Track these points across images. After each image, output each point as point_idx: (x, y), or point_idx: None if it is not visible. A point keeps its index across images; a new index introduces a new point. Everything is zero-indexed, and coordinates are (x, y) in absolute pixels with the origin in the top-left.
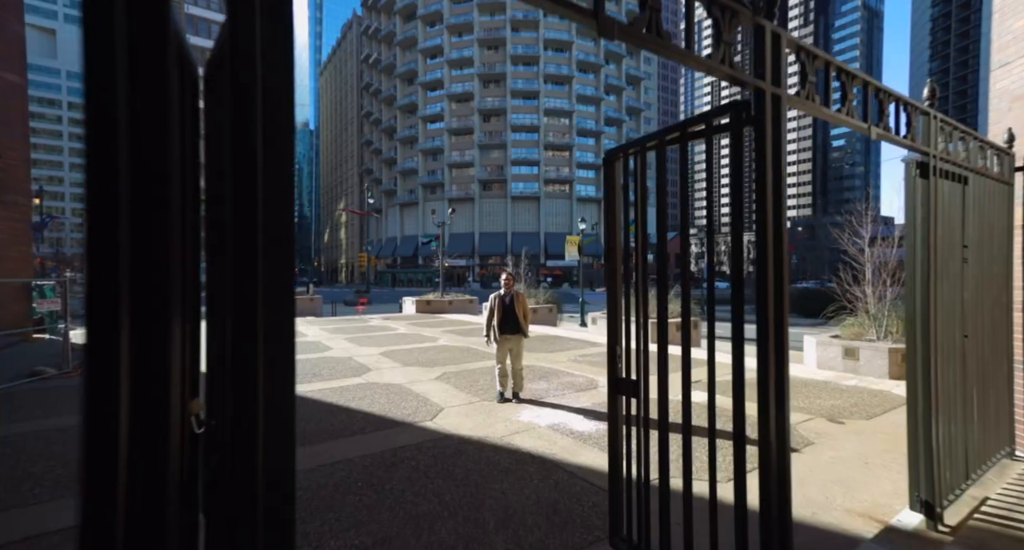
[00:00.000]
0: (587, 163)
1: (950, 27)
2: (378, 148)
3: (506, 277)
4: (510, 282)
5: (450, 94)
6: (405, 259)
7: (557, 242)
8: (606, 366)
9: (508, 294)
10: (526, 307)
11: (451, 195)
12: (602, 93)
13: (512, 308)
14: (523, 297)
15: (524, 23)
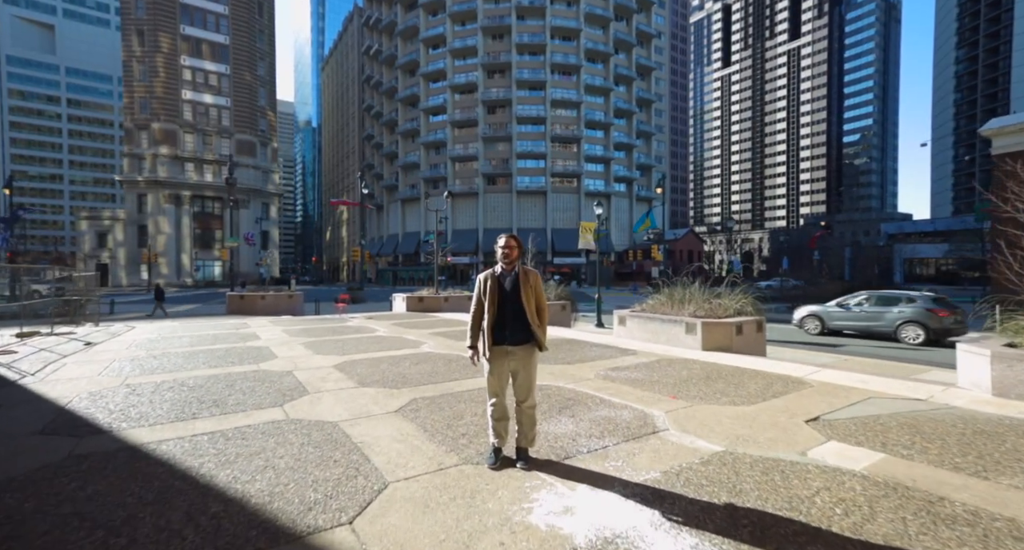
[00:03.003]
0: (595, 156)
1: (979, 12)
2: (379, 142)
3: (507, 242)
4: (513, 251)
5: (453, 85)
6: (407, 256)
7: (564, 238)
8: (654, 386)
9: (510, 272)
10: (541, 296)
11: (454, 190)
12: (611, 83)
13: (516, 296)
14: (536, 278)
15: (530, 10)
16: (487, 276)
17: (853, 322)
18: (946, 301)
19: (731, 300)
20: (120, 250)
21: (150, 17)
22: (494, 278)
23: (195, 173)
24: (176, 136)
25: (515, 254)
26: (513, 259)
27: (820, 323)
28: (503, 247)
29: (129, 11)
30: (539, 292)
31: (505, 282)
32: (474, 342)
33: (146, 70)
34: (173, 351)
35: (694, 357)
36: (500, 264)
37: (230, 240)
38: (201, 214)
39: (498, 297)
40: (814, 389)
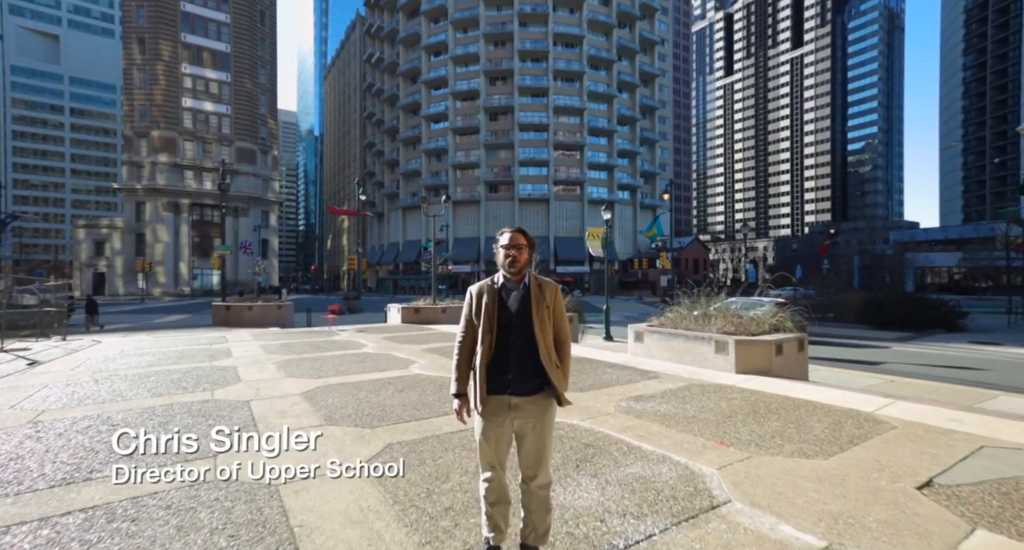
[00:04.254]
0: (599, 163)
1: (986, 19)
2: (380, 150)
3: (512, 239)
4: (521, 253)
5: (454, 92)
6: (407, 265)
7: (568, 247)
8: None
9: (517, 284)
10: (562, 320)
11: (456, 197)
12: (615, 90)
13: (525, 320)
14: (555, 294)
15: (532, 17)
16: (483, 289)
17: None
18: (782, 304)
19: (765, 313)
20: (118, 259)
21: (151, 25)
22: (493, 292)
23: (194, 181)
24: (176, 144)
25: (524, 257)
26: (521, 264)
27: None
28: (507, 246)
29: (131, 19)
30: (559, 315)
31: (509, 298)
32: (461, 387)
33: (146, 78)
34: (124, 373)
35: (729, 382)
36: (502, 272)
37: (221, 248)
38: (200, 222)
39: (498, 321)
40: (899, 431)
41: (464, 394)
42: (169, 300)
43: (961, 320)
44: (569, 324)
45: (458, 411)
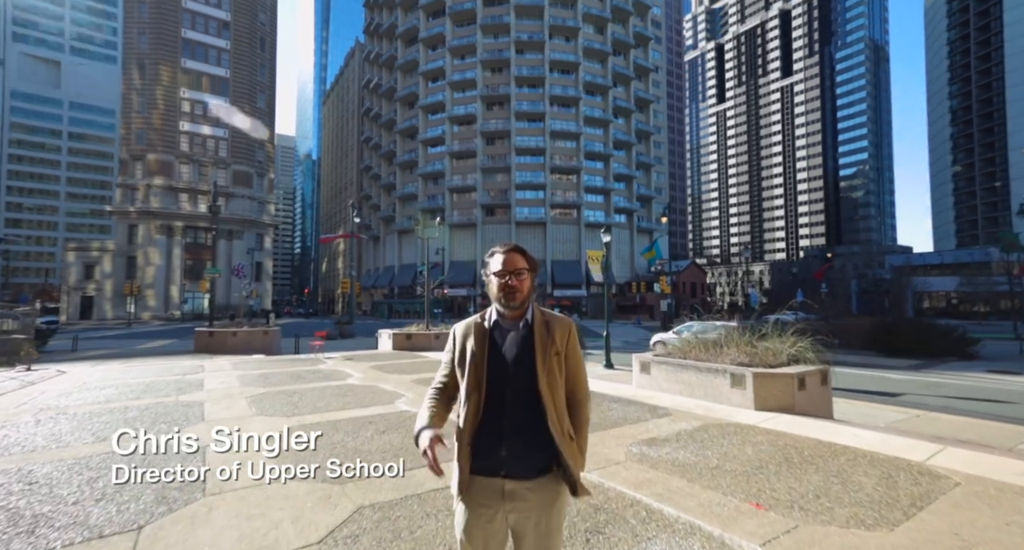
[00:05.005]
0: (595, 187)
1: (969, 50)
2: (377, 173)
3: (508, 261)
4: (523, 281)
5: (452, 117)
6: (403, 289)
7: (565, 270)
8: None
9: (516, 321)
10: (578, 369)
11: (452, 221)
12: (610, 115)
13: (527, 371)
14: (567, 332)
15: (528, 45)
16: (469, 329)
17: None
18: (732, 328)
19: (782, 343)
20: (107, 282)
21: (152, 50)
22: (482, 332)
23: (189, 204)
24: (172, 167)
25: (525, 285)
26: (522, 296)
27: (665, 348)
28: (501, 272)
29: (132, 44)
30: (575, 364)
31: (505, 342)
32: (433, 421)
33: (145, 102)
34: (75, 410)
35: (749, 421)
36: (496, 306)
37: (210, 271)
38: (193, 245)
39: (490, 373)
40: (965, 490)
41: (434, 427)
42: (158, 324)
43: (972, 347)
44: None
45: (427, 453)
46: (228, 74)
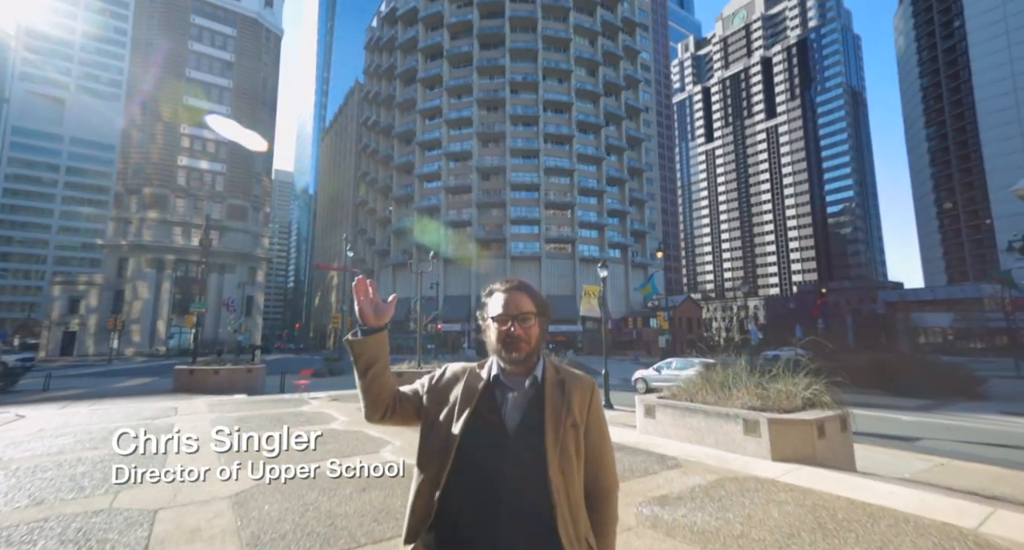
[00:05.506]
0: (589, 222)
1: (942, 96)
2: (373, 208)
3: (511, 302)
4: (528, 328)
5: (448, 153)
6: (396, 323)
7: (560, 305)
8: (743, 546)
9: (523, 376)
10: (602, 442)
11: (447, 255)
12: (603, 153)
13: (533, 447)
14: (588, 394)
15: (523, 85)
16: (466, 373)
17: (661, 383)
18: (712, 366)
19: (794, 385)
20: (92, 316)
21: (155, 88)
22: (479, 385)
23: (182, 237)
24: (167, 200)
25: (533, 334)
26: (529, 347)
27: (645, 384)
28: (502, 316)
29: (136, 82)
30: (598, 437)
31: (506, 404)
32: (410, 535)
33: (145, 137)
34: (19, 464)
35: (769, 475)
36: (496, 358)
37: (196, 305)
38: (184, 279)
39: (480, 442)
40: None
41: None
42: (141, 360)
43: (980, 387)
44: None
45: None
46: (229, 111)
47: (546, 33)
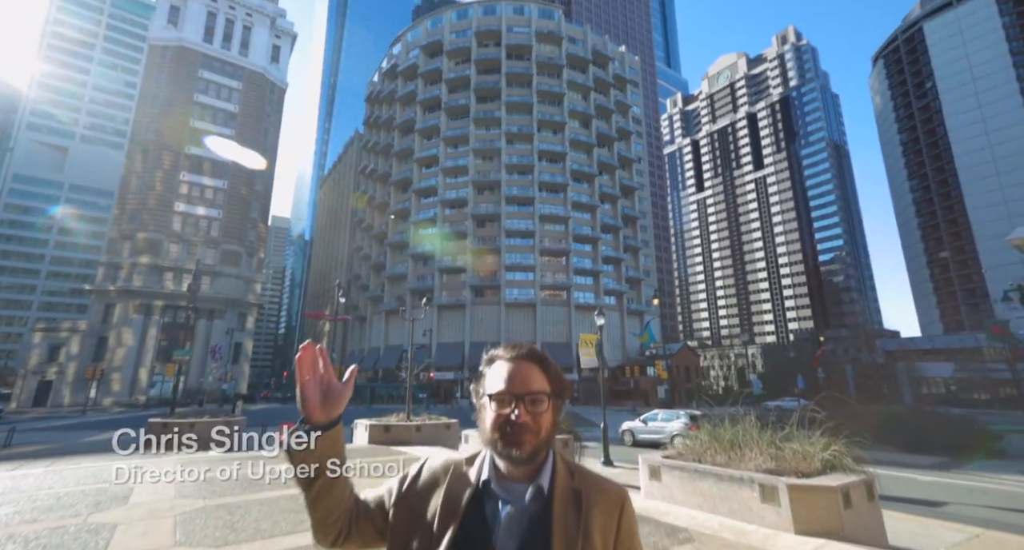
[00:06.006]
0: (585, 269)
1: (921, 150)
2: (367, 253)
3: (514, 373)
4: (538, 412)
5: (443, 200)
6: (387, 372)
7: (555, 353)
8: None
9: (525, 484)
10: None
11: (441, 301)
12: (597, 201)
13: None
14: (619, 504)
15: (518, 136)
16: (447, 475)
17: (648, 435)
18: (696, 418)
19: (811, 444)
20: (71, 364)
21: (158, 138)
22: (463, 493)
23: (173, 282)
24: (160, 245)
25: (544, 422)
26: (536, 440)
27: (632, 436)
28: (503, 394)
29: (140, 132)
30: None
31: (499, 518)
32: None
33: (143, 185)
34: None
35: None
36: (491, 451)
37: (179, 353)
38: (172, 325)
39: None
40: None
41: None
42: (118, 411)
43: (997, 442)
44: (564, 447)
45: None
46: (230, 160)
47: (540, 88)
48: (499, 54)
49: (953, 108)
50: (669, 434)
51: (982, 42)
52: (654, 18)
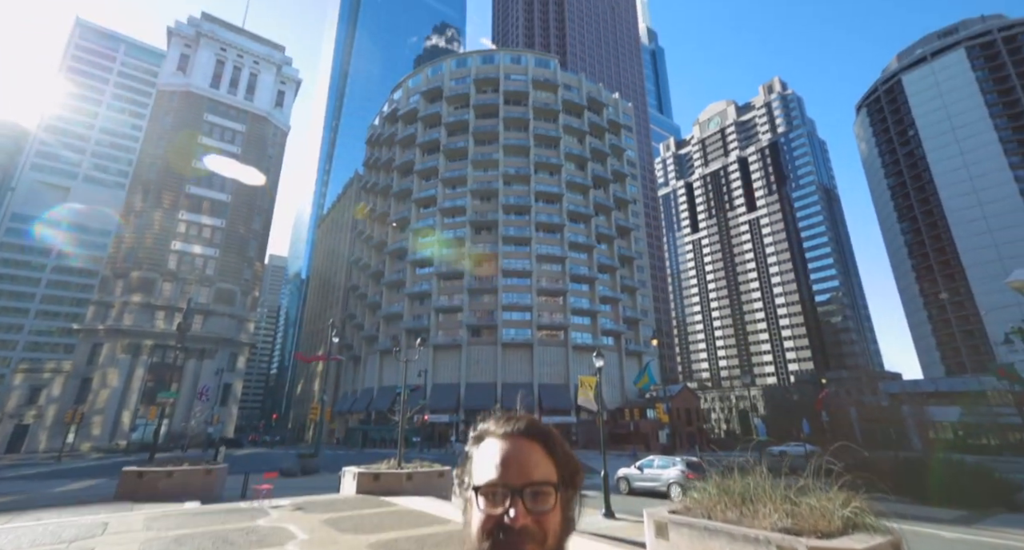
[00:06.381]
0: (582, 309)
1: (909, 194)
2: (363, 293)
3: (508, 452)
4: (542, 516)
5: (441, 240)
6: (380, 414)
7: (552, 394)
8: None
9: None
10: None
11: (437, 341)
12: (593, 241)
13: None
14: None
15: (515, 178)
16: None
17: (644, 483)
18: (695, 465)
19: (828, 500)
20: (51, 407)
21: (160, 179)
22: None
23: (164, 321)
24: (154, 284)
25: (550, 525)
26: (544, 542)
27: (628, 484)
28: (493, 487)
29: (142, 173)
30: None
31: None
32: None
33: (142, 224)
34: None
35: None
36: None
37: (163, 395)
38: (160, 365)
39: None
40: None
41: None
42: (95, 457)
43: (1018, 494)
44: None
45: None
46: (229, 198)
47: (537, 132)
48: (497, 100)
49: (936, 155)
50: (666, 482)
51: (959, 94)
52: (646, 68)
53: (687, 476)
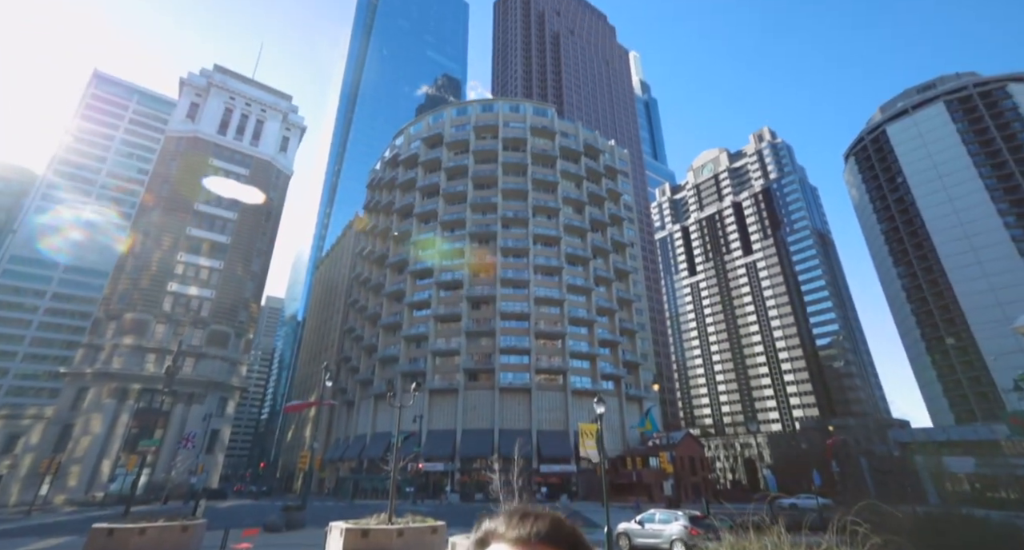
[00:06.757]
0: (581, 352)
1: (903, 239)
2: (360, 335)
3: None
4: None
5: (439, 282)
6: (372, 462)
7: (551, 442)
8: None
9: None
10: None
11: (433, 385)
12: (592, 284)
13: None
14: None
15: (514, 221)
16: None
17: (645, 539)
18: (698, 520)
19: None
20: (27, 456)
21: (161, 220)
22: None
23: (155, 365)
24: (147, 326)
25: None
26: None
27: (628, 540)
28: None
29: (143, 215)
30: None
31: None
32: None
33: (139, 265)
34: None
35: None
36: None
37: (145, 443)
38: (146, 410)
39: None
40: None
41: None
42: (68, 511)
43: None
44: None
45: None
46: (229, 240)
47: (535, 177)
48: (496, 146)
49: (926, 201)
50: (668, 538)
51: (942, 144)
52: (640, 117)
53: (690, 532)
